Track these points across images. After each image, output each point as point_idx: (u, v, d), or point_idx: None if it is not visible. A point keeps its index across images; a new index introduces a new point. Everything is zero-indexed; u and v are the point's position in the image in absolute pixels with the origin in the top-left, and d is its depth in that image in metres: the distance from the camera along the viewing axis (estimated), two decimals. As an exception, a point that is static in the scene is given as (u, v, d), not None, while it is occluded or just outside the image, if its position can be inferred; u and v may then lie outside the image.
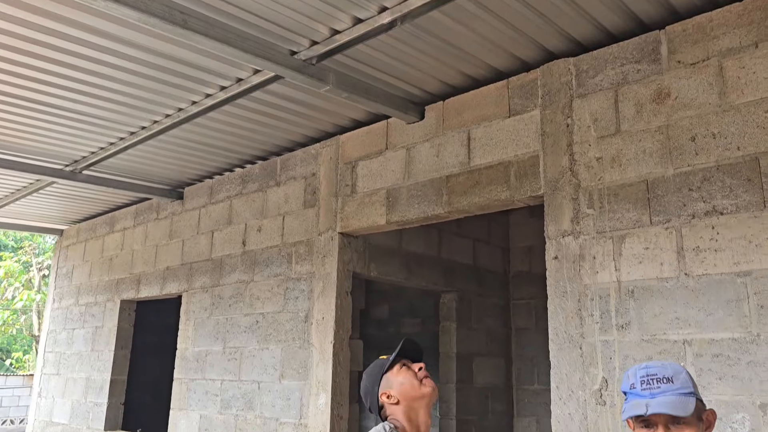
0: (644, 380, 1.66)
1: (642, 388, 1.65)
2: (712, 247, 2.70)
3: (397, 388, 2.24)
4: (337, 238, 4.32)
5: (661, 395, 1.61)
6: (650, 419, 1.62)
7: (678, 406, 1.59)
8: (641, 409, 1.61)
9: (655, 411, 1.59)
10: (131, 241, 6.45)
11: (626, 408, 1.68)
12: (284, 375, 4.40)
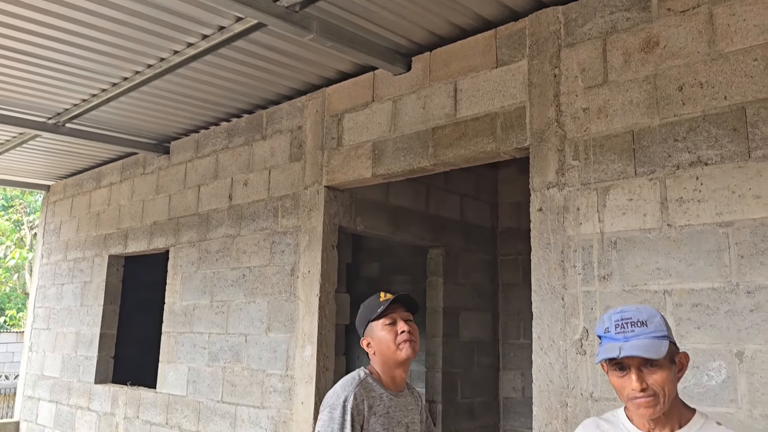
0: (619, 324, 1.66)
1: (616, 332, 1.66)
2: (696, 197, 2.69)
3: (376, 342, 2.25)
4: (323, 191, 4.29)
5: (635, 338, 1.62)
6: (623, 362, 1.63)
7: (651, 348, 1.59)
8: (614, 352, 1.62)
9: (628, 354, 1.59)
10: (118, 196, 6.40)
11: (600, 351, 1.69)
12: (271, 328, 4.43)
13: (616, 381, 1.66)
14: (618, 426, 1.76)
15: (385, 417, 2.18)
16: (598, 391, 2.82)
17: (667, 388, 1.61)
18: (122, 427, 5.64)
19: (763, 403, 2.41)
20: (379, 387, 2.22)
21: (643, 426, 1.70)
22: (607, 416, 1.82)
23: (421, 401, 2.47)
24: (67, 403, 6.47)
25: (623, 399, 1.67)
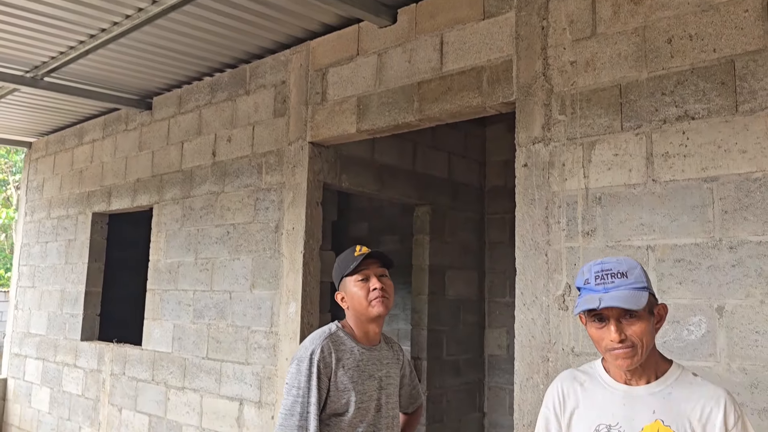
0: (599, 275, 1.65)
1: (596, 283, 1.64)
2: (682, 152, 2.65)
3: (349, 298, 2.22)
4: (307, 147, 4.22)
5: (615, 290, 1.61)
6: (602, 313, 1.62)
7: (630, 299, 1.58)
8: (594, 303, 1.60)
9: (608, 305, 1.58)
10: (101, 153, 6.29)
11: (579, 303, 1.67)
12: (255, 285, 4.41)
13: (595, 332, 1.65)
14: (595, 377, 1.75)
15: (354, 370, 2.17)
16: (579, 346, 2.83)
17: (645, 339, 1.60)
18: (109, 384, 5.67)
19: (741, 357, 2.42)
20: (351, 341, 2.21)
21: (619, 377, 1.70)
22: (584, 368, 1.82)
23: (403, 356, 2.45)
24: (53, 360, 6.48)
25: (601, 350, 1.66)
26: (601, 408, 1.68)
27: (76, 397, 6.06)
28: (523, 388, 2.99)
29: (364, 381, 2.18)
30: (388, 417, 2.25)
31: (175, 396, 4.95)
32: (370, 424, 2.19)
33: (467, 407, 5.36)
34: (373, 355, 2.25)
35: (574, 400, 1.75)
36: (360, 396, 2.16)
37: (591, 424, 1.68)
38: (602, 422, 1.67)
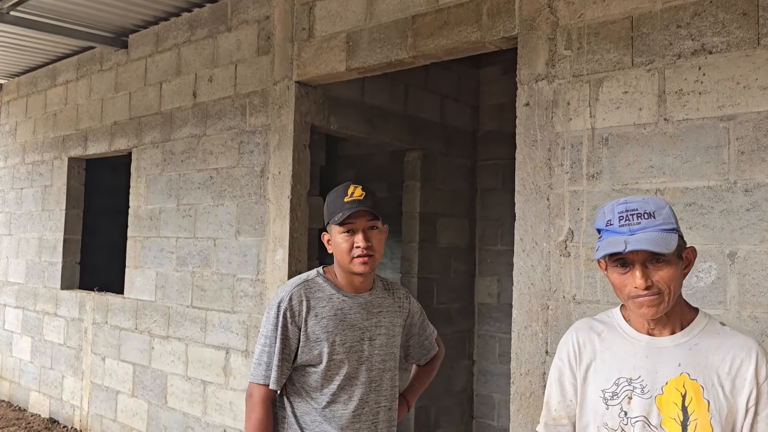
0: (623, 216, 1.48)
1: (620, 225, 1.48)
2: (697, 89, 2.48)
3: (333, 245, 2.05)
4: (293, 87, 3.99)
5: (641, 231, 1.45)
6: (627, 258, 1.46)
7: (659, 242, 1.43)
8: (619, 246, 1.44)
9: (635, 248, 1.42)
10: (75, 95, 5.99)
11: (601, 246, 1.51)
12: (240, 231, 4.24)
13: (617, 278, 1.50)
14: (613, 327, 1.61)
15: (330, 319, 2.01)
16: (581, 293, 2.71)
17: (673, 285, 1.46)
18: (91, 333, 5.54)
19: (752, 305, 2.32)
20: (331, 288, 2.06)
21: (641, 327, 1.56)
22: (601, 317, 1.68)
23: (410, 303, 2.25)
24: (33, 308, 6.32)
25: (623, 297, 1.52)
26: (622, 360, 1.55)
27: (58, 346, 5.93)
28: (521, 337, 2.89)
29: (341, 331, 2.02)
30: (375, 370, 2.07)
31: (160, 345, 4.83)
32: (349, 377, 2.03)
33: (458, 355, 5.31)
34: (357, 303, 2.07)
35: (591, 352, 1.61)
36: (334, 347, 2.00)
37: (610, 378, 1.55)
38: (622, 375, 1.53)
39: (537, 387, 2.80)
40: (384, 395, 2.11)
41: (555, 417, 1.65)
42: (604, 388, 1.55)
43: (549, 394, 1.68)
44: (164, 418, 4.75)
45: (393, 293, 2.20)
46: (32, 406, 6.26)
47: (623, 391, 1.51)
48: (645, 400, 1.49)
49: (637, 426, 1.48)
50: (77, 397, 5.65)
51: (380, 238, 2.05)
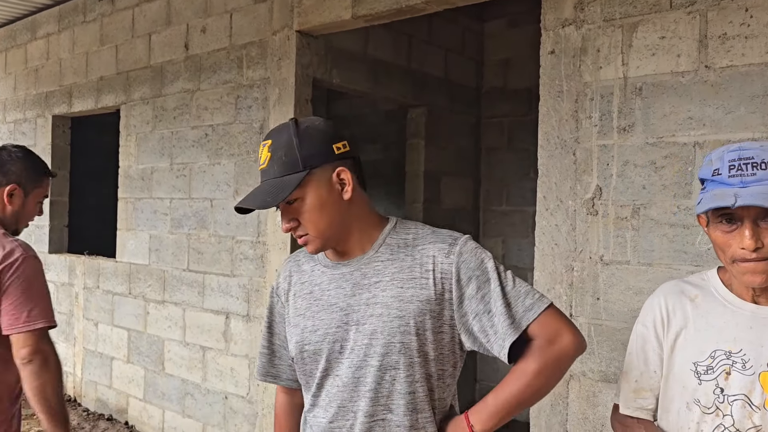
0: (734, 165, 1.27)
1: (730, 175, 1.27)
2: (743, 33, 2.29)
3: None
4: (294, 37, 3.74)
5: (756, 184, 1.24)
6: (735, 213, 1.26)
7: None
8: (728, 199, 1.23)
9: (747, 203, 1.21)
10: (57, 49, 5.67)
11: (705, 199, 1.30)
12: (239, 191, 4.03)
13: (720, 237, 1.30)
14: (709, 292, 1.41)
15: (305, 298, 1.50)
16: (609, 254, 2.56)
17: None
18: (82, 298, 5.35)
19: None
20: (317, 256, 1.53)
21: (744, 293, 1.35)
22: (694, 280, 1.47)
23: (455, 262, 1.37)
24: (21, 273, 6.10)
25: (725, 260, 1.32)
26: (720, 330, 1.35)
27: (47, 312, 5.73)
28: (543, 300, 2.74)
29: (315, 313, 1.46)
30: (366, 367, 1.40)
31: (155, 310, 4.66)
32: (328, 375, 1.45)
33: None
34: (338, 274, 1.46)
35: (681, 319, 1.41)
36: (304, 334, 1.47)
37: (704, 349, 1.36)
38: (720, 348, 1.34)
39: (560, 352, 2.66)
40: (384, 405, 1.40)
41: (636, 389, 1.47)
42: (696, 360, 1.36)
43: (629, 364, 1.49)
44: (162, 385, 4.60)
45: (414, 250, 1.41)
46: (23, 373, 6.10)
47: (720, 366, 1.32)
48: (747, 377, 1.30)
49: (735, 405, 1.30)
50: (70, 363, 5.49)
51: (308, 208, 1.38)
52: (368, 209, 1.48)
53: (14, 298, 2.01)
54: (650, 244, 2.46)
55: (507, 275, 1.38)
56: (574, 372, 2.62)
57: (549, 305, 1.35)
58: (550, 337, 1.32)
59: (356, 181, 1.42)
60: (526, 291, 1.36)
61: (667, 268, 2.40)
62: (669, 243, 2.41)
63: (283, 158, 1.35)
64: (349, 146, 1.43)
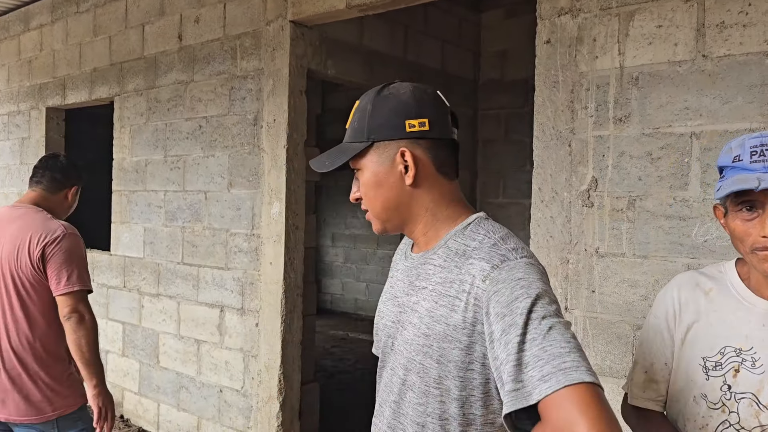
0: (756, 150, 1.24)
1: (752, 160, 1.23)
2: (741, 21, 2.26)
3: None
4: (288, 27, 3.70)
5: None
6: (757, 200, 1.23)
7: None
8: (750, 182, 1.19)
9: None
10: (51, 40, 5.62)
11: (724, 185, 1.26)
12: (233, 183, 4.00)
13: (740, 226, 1.26)
14: (725, 285, 1.37)
15: (388, 281, 1.41)
16: (605, 246, 2.54)
17: None
18: (77, 291, 5.32)
19: (796, 257, 2.15)
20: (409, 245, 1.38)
21: (761, 288, 1.31)
22: (711, 271, 1.43)
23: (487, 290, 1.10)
24: (16, 267, 6.07)
25: (744, 250, 1.28)
26: (731, 326, 1.32)
27: (42, 305, 5.71)
28: (538, 293, 2.72)
29: (385, 300, 1.37)
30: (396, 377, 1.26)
31: (150, 303, 4.63)
32: (380, 375, 1.35)
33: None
34: (406, 267, 1.32)
35: (694, 312, 1.38)
36: (377, 317, 1.39)
37: (714, 345, 1.33)
38: (730, 344, 1.31)
39: (555, 345, 2.64)
40: (402, 423, 1.24)
41: (645, 380, 1.45)
42: (705, 355, 1.34)
43: (640, 355, 1.47)
44: (157, 378, 4.58)
45: (465, 262, 1.16)
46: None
47: (729, 362, 1.30)
48: (755, 376, 1.27)
49: (742, 403, 1.28)
50: (65, 356, 5.47)
51: (365, 182, 1.27)
52: (443, 200, 1.25)
53: (56, 266, 2.47)
54: (646, 237, 2.43)
55: (541, 324, 1.01)
56: (569, 365, 2.60)
57: (576, 384, 0.93)
58: (557, 427, 0.93)
59: (431, 167, 1.23)
60: (555, 354, 0.97)
61: (663, 260, 2.38)
62: (665, 235, 2.38)
63: (355, 124, 1.26)
64: (434, 126, 1.22)
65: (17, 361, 2.51)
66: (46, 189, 2.71)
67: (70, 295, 2.46)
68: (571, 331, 1.02)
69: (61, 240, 2.51)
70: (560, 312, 1.05)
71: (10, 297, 2.50)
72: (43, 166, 2.74)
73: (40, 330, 2.53)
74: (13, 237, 2.51)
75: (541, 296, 1.05)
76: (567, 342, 0.98)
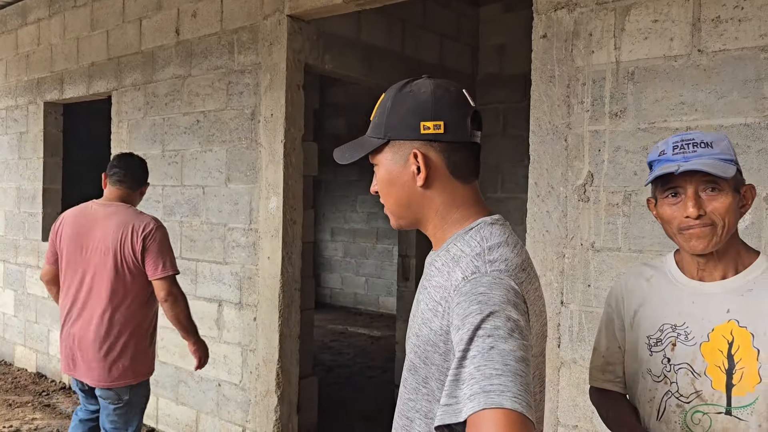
0: (678, 145, 1.38)
1: (674, 153, 1.38)
2: (736, 16, 2.26)
3: None
4: (285, 22, 3.69)
5: (697, 158, 1.35)
6: (680, 186, 1.37)
7: (716, 166, 1.32)
8: (671, 167, 1.35)
9: (688, 168, 1.32)
10: (48, 34, 5.61)
11: (651, 174, 1.41)
12: (231, 178, 4.01)
13: (668, 210, 1.40)
14: (663, 272, 1.51)
15: None
16: (600, 240, 2.54)
17: (728, 219, 1.34)
18: (76, 286, 5.33)
19: (790, 251, 2.16)
20: None
21: (692, 271, 1.44)
22: (654, 262, 1.58)
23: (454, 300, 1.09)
24: (14, 261, 6.09)
25: (672, 232, 1.41)
26: (666, 305, 1.46)
27: (42, 300, 5.73)
28: (534, 287, 2.73)
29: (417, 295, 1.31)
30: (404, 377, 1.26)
31: (148, 298, 4.64)
32: None
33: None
34: (427, 264, 1.30)
35: (639, 298, 1.52)
36: None
37: (655, 324, 1.47)
38: (667, 322, 1.45)
39: (551, 339, 2.65)
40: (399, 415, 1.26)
41: (603, 364, 1.60)
42: (649, 334, 1.48)
43: (598, 341, 1.63)
44: (156, 372, 4.58)
45: (454, 267, 1.15)
46: (18, 361, 6.10)
47: (667, 338, 1.44)
48: (689, 348, 1.40)
49: (680, 373, 1.41)
50: (64, 351, 5.48)
51: (380, 179, 1.27)
52: (454, 203, 1.23)
53: (153, 255, 2.90)
54: (641, 231, 2.44)
55: (485, 343, 0.98)
56: (565, 360, 2.61)
57: (494, 408, 0.90)
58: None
59: (445, 170, 1.20)
60: (487, 375, 0.94)
61: (658, 254, 2.39)
62: (660, 230, 2.39)
63: (376, 119, 1.25)
64: (449, 129, 1.18)
65: (107, 332, 2.92)
66: (129, 187, 3.08)
67: (165, 280, 2.89)
68: (518, 353, 0.97)
69: (155, 232, 2.92)
70: (516, 331, 1.00)
71: (110, 278, 2.90)
72: (123, 166, 3.08)
73: (131, 308, 2.95)
74: (116, 229, 2.90)
75: (495, 314, 1.01)
76: (504, 364, 0.95)
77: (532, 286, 1.16)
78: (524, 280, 1.13)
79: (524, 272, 1.14)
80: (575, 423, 2.58)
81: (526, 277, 1.14)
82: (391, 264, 9.18)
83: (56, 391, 5.38)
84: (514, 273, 1.11)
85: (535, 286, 1.18)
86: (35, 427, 4.60)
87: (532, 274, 1.19)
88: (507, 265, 1.11)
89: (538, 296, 1.20)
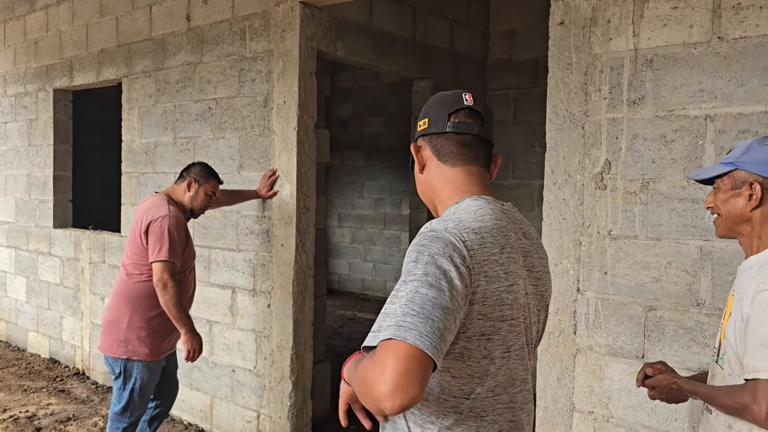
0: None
1: None
2: (758, 3, 2.24)
3: None
4: (298, 8, 3.68)
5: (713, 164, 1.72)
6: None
7: (703, 171, 1.72)
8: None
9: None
10: (57, 21, 5.60)
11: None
12: (243, 165, 4.01)
13: None
14: None
15: None
16: (617, 228, 2.55)
17: (725, 209, 1.64)
18: (88, 272, 5.37)
19: (809, 239, 2.16)
20: None
21: None
22: None
23: None
24: (26, 248, 6.13)
25: None
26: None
27: (54, 286, 5.77)
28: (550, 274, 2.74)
29: None
30: None
31: (161, 284, 4.67)
32: None
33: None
34: None
35: None
36: None
37: None
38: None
39: (567, 326, 2.67)
40: None
41: None
42: None
43: None
44: (169, 358, 4.63)
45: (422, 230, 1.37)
46: (31, 347, 6.16)
47: None
48: None
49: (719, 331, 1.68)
50: (77, 337, 5.54)
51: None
52: (445, 184, 1.41)
53: (152, 240, 3.07)
54: (659, 219, 2.44)
55: (401, 284, 1.17)
56: (581, 346, 2.63)
57: (402, 341, 1.08)
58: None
59: (433, 157, 1.44)
60: (406, 312, 1.11)
61: (676, 242, 2.39)
62: (678, 217, 2.40)
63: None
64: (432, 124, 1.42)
65: (115, 303, 3.23)
66: (175, 180, 3.39)
67: (158, 264, 3.04)
68: (438, 301, 1.12)
69: (161, 220, 3.08)
70: (444, 280, 1.15)
71: (131, 254, 3.20)
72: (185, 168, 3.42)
73: (138, 286, 3.17)
74: (141, 214, 3.19)
75: (418, 260, 1.18)
76: (421, 307, 1.11)
77: (489, 250, 1.26)
78: (475, 240, 1.24)
79: (476, 234, 1.26)
80: (591, 409, 2.61)
81: (479, 239, 1.25)
82: (399, 250, 9.20)
83: (70, 377, 5.44)
84: (460, 232, 1.24)
85: (494, 252, 1.27)
86: (51, 412, 4.66)
87: (495, 242, 1.29)
88: (456, 225, 1.26)
89: (501, 263, 1.28)
